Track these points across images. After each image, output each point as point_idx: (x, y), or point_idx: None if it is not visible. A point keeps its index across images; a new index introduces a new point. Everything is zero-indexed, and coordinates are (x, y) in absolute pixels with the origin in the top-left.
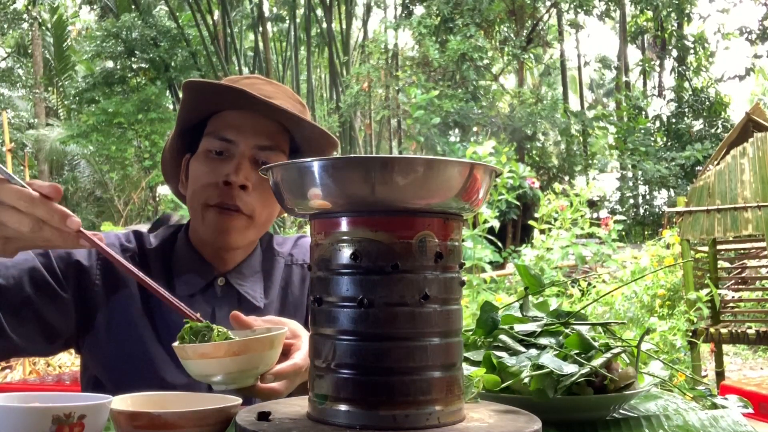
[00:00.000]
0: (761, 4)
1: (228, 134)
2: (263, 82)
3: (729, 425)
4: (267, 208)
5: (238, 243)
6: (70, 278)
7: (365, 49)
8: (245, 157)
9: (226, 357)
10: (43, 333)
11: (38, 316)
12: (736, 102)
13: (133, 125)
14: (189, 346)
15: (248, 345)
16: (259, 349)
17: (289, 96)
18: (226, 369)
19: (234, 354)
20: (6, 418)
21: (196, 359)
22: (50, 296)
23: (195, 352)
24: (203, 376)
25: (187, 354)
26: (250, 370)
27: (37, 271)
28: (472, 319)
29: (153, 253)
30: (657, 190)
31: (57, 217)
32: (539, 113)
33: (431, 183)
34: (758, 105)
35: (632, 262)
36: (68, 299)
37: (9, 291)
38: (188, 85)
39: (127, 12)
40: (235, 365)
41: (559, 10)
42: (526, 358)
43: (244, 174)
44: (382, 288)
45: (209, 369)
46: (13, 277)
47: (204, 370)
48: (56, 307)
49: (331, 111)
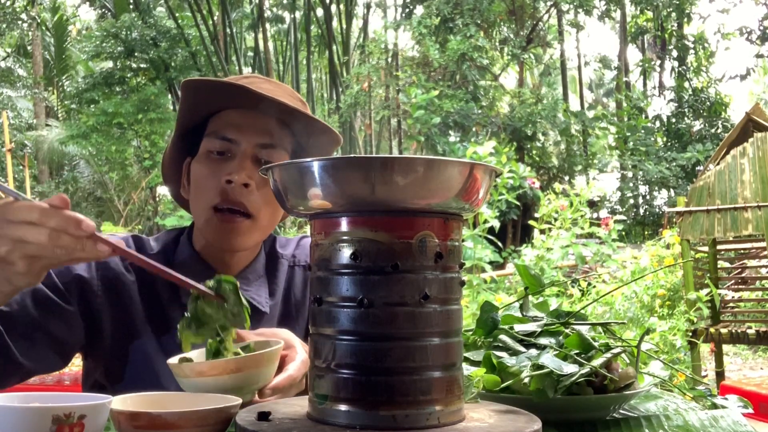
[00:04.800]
0: (761, 4)
1: (229, 133)
2: (262, 81)
3: (729, 425)
4: (271, 208)
5: (244, 245)
6: (73, 291)
7: (365, 49)
8: (247, 156)
9: (223, 375)
10: (55, 350)
11: (48, 335)
12: (736, 102)
13: (133, 125)
14: (186, 365)
15: (245, 362)
16: (256, 366)
17: (289, 94)
18: (224, 387)
19: (231, 372)
20: (6, 418)
21: (194, 377)
22: (57, 313)
23: (192, 370)
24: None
25: (184, 372)
26: (247, 386)
27: (40, 291)
28: (472, 319)
29: (155, 258)
30: (657, 190)
31: (72, 223)
32: (539, 113)
33: (431, 183)
34: (758, 105)
35: (632, 262)
36: (74, 311)
37: (15, 316)
38: (187, 84)
39: (126, 12)
40: (232, 382)
41: (559, 10)
42: (526, 358)
43: (246, 173)
44: (382, 288)
45: (206, 387)
46: (17, 302)
47: (201, 388)
48: (64, 322)
49: (331, 111)
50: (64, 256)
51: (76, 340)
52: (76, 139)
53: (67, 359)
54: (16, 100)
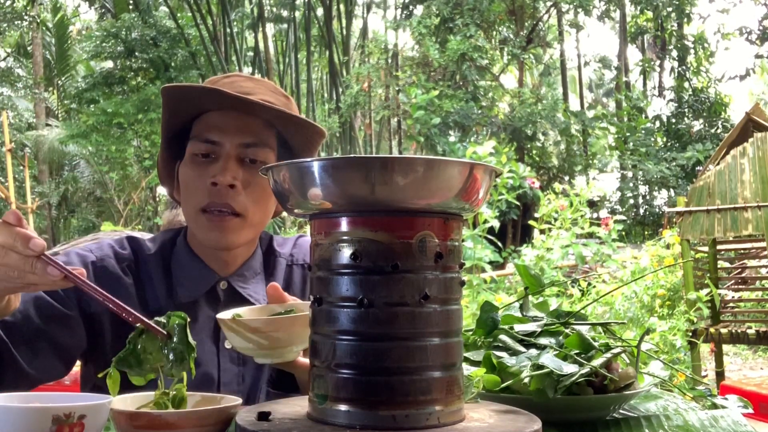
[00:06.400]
0: (761, 4)
1: (212, 136)
2: (243, 79)
3: (729, 425)
4: (259, 206)
5: (236, 242)
6: (72, 296)
7: (365, 49)
8: (231, 156)
9: (279, 331)
10: (59, 357)
11: (52, 342)
12: (736, 102)
13: (133, 125)
14: (241, 320)
15: (299, 321)
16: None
17: (271, 90)
18: (277, 343)
19: (286, 329)
20: (6, 418)
21: (248, 333)
22: (59, 319)
23: (247, 327)
24: (250, 349)
25: (238, 329)
26: (296, 345)
27: (41, 299)
28: (472, 319)
29: (152, 258)
30: (657, 190)
31: (20, 240)
32: (539, 113)
33: (431, 183)
34: (758, 105)
35: (632, 262)
36: (75, 316)
37: (19, 326)
38: (165, 91)
39: (126, 12)
40: (284, 340)
41: (559, 10)
42: (526, 358)
43: (230, 173)
44: (382, 288)
45: (259, 343)
46: (20, 312)
47: (254, 343)
48: (67, 328)
49: (331, 111)
50: (15, 278)
51: (79, 345)
52: (76, 138)
53: (70, 366)
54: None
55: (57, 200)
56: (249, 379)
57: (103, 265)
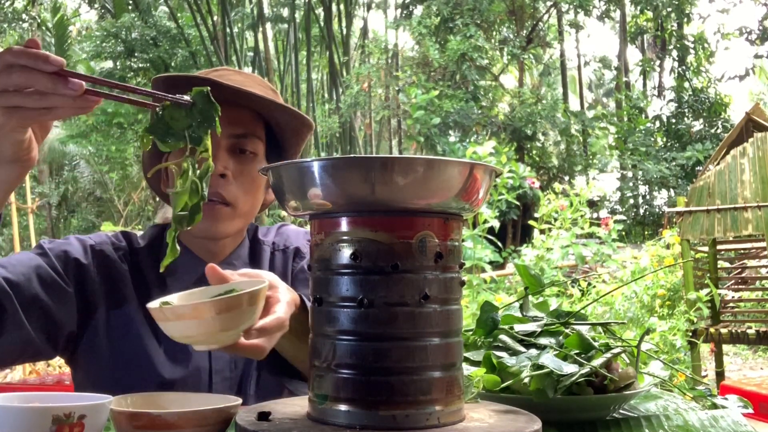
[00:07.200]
0: (761, 4)
1: None
2: (232, 72)
3: (729, 425)
4: (250, 197)
5: (225, 232)
6: (71, 274)
7: (365, 49)
8: (221, 147)
9: (206, 316)
10: (46, 332)
11: (44, 312)
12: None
13: (133, 125)
14: (168, 308)
15: (228, 303)
16: (239, 306)
17: (259, 83)
18: (207, 330)
19: (216, 313)
20: (6, 418)
21: (175, 321)
22: (56, 292)
23: (174, 313)
24: (185, 338)
25: (165, 316)
26: (233, 328)
27: (43, 268)
28: (472, 319)
29: (143, 251)
30: (657, 190)
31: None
32: (539, 113)
33: (431, 183)
34: (758, 105)
35: (632, 262)
36: (71, 293)
37: (19, 287)
38: (156, 81)
39: (126, 12)
40: (217, 324)
41: (559, 10)
42: (526, 358)
43: (221, 163)
44: (382, 288)
45: (189, 330)
46: (23, 274)
47: (185, 331)
48: (62, 303)
49: (331, 111)
50: (38, 101)
51: (68, 323)
52: (76, 138)
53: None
54: None
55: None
56: (241, 364)
57: (101, 249)
